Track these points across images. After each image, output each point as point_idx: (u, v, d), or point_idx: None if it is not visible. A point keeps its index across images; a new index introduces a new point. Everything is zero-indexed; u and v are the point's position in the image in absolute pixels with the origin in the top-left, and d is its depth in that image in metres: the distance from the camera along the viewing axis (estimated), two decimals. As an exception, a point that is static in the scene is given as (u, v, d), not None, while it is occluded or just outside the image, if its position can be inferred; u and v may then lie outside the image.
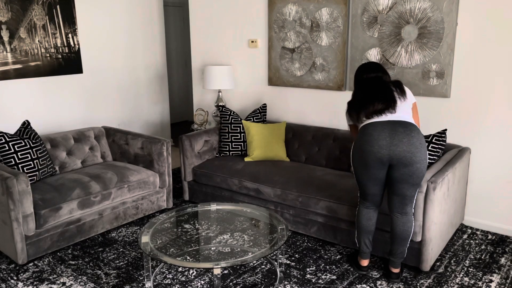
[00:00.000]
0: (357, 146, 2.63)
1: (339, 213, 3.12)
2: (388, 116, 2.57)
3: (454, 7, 3.22)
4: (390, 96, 2.59)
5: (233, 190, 3.72)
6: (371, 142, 2.53)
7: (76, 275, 2.88)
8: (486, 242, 3.28)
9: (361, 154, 2.60)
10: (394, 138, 2.49)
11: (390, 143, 2.49)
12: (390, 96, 2.59)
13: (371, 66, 2.78)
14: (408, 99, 2.65)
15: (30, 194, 2.92)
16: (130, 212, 3.59)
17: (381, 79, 2.69)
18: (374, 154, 2.53)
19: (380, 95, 2.59)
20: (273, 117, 4.44)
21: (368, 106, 2.60)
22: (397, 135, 2.49)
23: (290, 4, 4.03)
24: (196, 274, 2.87)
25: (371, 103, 2.59)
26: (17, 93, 4.15)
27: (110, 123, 4.97)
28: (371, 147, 2.53)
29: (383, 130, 2.52)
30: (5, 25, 3.97)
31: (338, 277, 2.84)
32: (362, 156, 2.59)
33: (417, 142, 2.50)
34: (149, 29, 5.34)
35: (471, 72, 3.29)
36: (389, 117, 2.56)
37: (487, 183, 3.40)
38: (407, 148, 2.48)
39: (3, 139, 3.20)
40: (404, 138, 2.49)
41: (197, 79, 5.00)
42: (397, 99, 2.61)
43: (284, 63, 4.21)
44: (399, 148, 2.48)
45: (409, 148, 2.48)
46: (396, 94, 2.62)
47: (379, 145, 2.51)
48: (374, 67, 2.77)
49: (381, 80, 2.69)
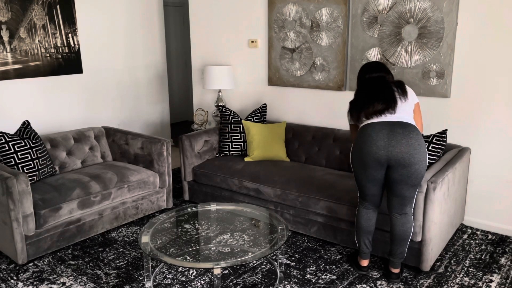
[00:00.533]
0: (356, 146, 2.64)
1: (339, 213, 3.12)
2: (387, 116, 2.57)
3: (454, 7, 3.22)
4: (391, 97, 2.59)
5: (233, 190, 3.72)
6: (369, 143, 2.54)
7: (76, 275, 2.88)
8: (486, 242, 3.28)
9: (360, 155, 2.60)
10: (392, 139, 2.49)
11: (388, 144, 2.50)
12: (390, 96, 2.59)
13: (374, 66, 2.78)
14: (409, 99, 2.65)
15: (30, 194, 2.92)
16: (130, 212, 3.59)
17: (383, 79, 2.70)
18: (372, 155, 2.53)
19: (381, 95, 2.59)
20: (273, 117, 4.44)
21: (368, 106, 2.60)
22: (395, 136, 2.49)
23: (290, 4, 4.03)
24: (196, 274, 2.87)
25: (371, 103, 2.59)
26: (17, 93, 4.15)
27: (110, 123, 4.97)
28: (369, 147, 2.53)
29: (382, 131, 2.52)
30: (5, 25, 3.97)
31: (338, 277, 2.84)
32: (361, 157, 2.60)
33: (415, 143, 2.50)
34: (149, 29, 5.34)
35: (471, 72, 3.29)
36: (389, 117, 2.56)
37: (487, 183, 3.40)
38: (405, 149, 2.48)
39: (3, 139, 3.20)
40: (403, 139, 2.49)
41: (197, 79, 5.00)
42: (397, 99, 2.60)
43: (284, 63, 4.21)
44: (397, 149, 2.48)
45: (407, 149, 2.48)
46: (397, 95, 2.62)
47: (377, 146, 2.51)
48: (377, 67, 2.77)
49: (383, 80, 2.69)
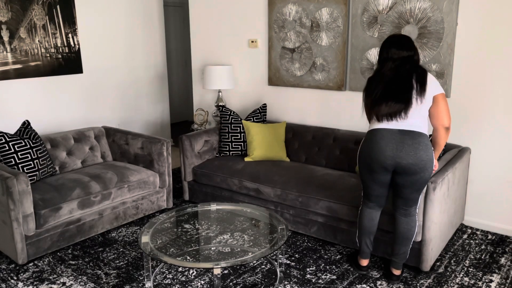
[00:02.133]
0: (364, 150, 2.61)
1: (339, 213, 3.12)
2: (398, 122, 2.50)
3: (454, 7, 3.22)
4: (407, 97, 2.48)
5: (233, 190, 3.72)
6: (377, 150, 2.52)
7: (76, 275, 2.88)
8: (486, 242, 3.28)
9: (367, 159, 2.59)
10: (401, 150, 2.47)
11: (397, 155, 2.48)
12: (407, 96, 2.48)
13: (397, 41, 2.56)
14: (427, 98, 2.50)
15: (30, 194, 2.92)
16: (130, 212, 3.59)
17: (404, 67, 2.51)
18: (379, 162, 2.53)
19: (398, 93, 2.48)
20: (273, 117, 4.44)
21: (381, 103, 2.51)
22: (404, 148, 2.47)
23: (290, 4, 4.03)
24: (196, 274, 2.87)
25: (385, 100, 2.49)
26: (17, 93, 4.15)
27: (110, 123, 4.97)
28: (378, 156, 2.52)
29: (391, 140, 2.49)
30: (5, 25, 3.97)
31: (338, 277, 2.84)
32: (368, 162, 2.59)
33: (424, 155, 2.47)
34: (149, 29, 5.34)
35: (471, 72, 3.29)
36: (400, 124, 2.50)
37: (487, 183, 3.40)
38: (413, 161, 2.46)
39: (3, 139, 3.20)
40: (411, 151, 2.46)
41: (197, 79, 5.00)
42: (413, 100, 2.48)
43: (284, 63, 4.21)
44: (404, 161, 2.47)
45: (415, 161, 2.46)
46: (414, 94, 2.48)
47: (385, 155, 2.50)
48: (400, 42, 2.55)
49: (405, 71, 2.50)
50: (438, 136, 2.62)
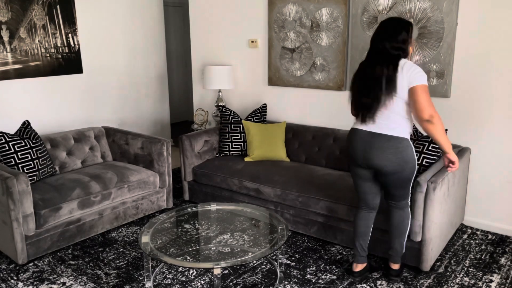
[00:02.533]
0: (347, 145, 2.70)
1: (339, 213, 3.12)
2: (368, 126, 2.52)
3: (454, 7, 3.22)
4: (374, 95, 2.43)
5: (233, 190, 3.72)
6: (352, 149, 2.63)
7: (76, 275, 2.88)
8: (486, 242, 3.28)
9: (349, 155, 2.69)
10: (369, 152, 2.52)
11: (366, 157, 2.54)
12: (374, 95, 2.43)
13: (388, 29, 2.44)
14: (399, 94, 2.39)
15: (30, 194, 2.92)
16: (130, 212, 3.59)
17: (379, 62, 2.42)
18: (356, 160, 2.63)
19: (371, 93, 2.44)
20: (273, 117, 4.44)
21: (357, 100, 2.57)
22: (372, 150, 2.51)
23: (290, 4, 4.03)
24: (196, 274, 2.87)
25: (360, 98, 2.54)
26: (17, 93, 4.15)
27: (110, 123, 4.97)
28: (353, 154, 2.62)
29: (361, 142, 2.55)
30: (5, 25, 3.97)
31: (338, 277, 2.84)
32: (350, 156, 2.68)
33: (392, 157, 2.46)
34: (149, 29, 5.33)
35: (471, 72, 3.29)
36: (369, 126, 2.52)
37: (487, 183, 3.40)
38: (382, 163, 2.50)
39: (3, 139, 3.20)
40: (380, 154, 2.49)
41: (197, 79, 5.00)
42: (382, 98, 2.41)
43: (284, 63, 4.21)
44: (374, 162, 2.52)
45: (384, 163, 2.49)
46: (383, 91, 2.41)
47: (357, 156, 2.59)
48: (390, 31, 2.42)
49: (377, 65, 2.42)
50: (424, 130, 2.45)
